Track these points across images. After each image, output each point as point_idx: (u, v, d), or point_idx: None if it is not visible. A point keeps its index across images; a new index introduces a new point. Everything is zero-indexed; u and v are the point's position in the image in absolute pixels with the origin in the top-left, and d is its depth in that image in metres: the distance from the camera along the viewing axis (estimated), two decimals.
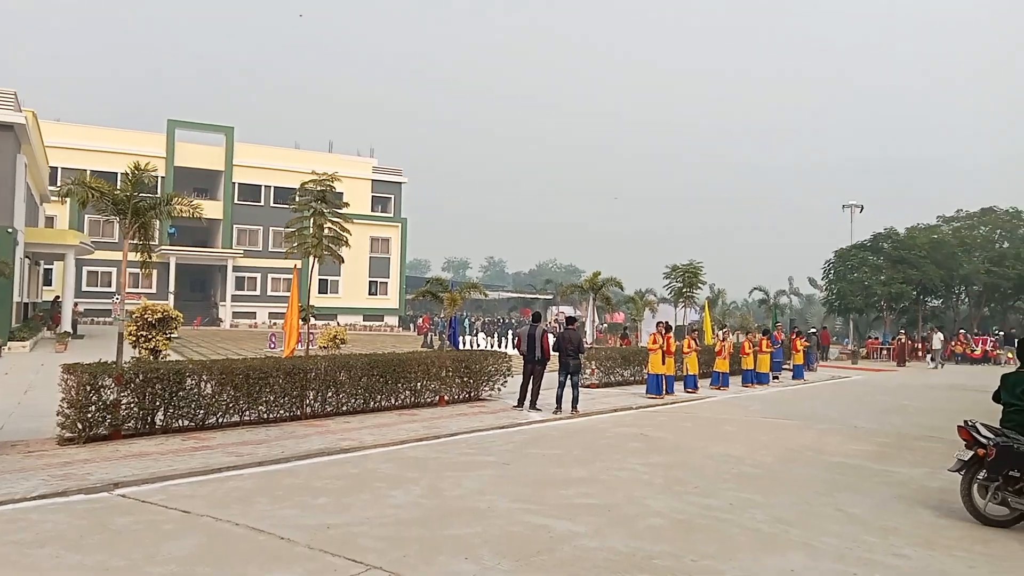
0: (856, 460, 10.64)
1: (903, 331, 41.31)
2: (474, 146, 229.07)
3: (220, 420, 11.22)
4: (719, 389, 20.64)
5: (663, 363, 17.90)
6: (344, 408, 13.03)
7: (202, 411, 10.99)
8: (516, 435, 11.88)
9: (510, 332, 39.26)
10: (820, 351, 39.12)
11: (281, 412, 12.08)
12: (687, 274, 29.32)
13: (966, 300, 50.03)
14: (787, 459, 10.56)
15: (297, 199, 16.51)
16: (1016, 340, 8.60)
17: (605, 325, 46.26)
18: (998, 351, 38.08)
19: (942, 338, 36.01)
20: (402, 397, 14.01)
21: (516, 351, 15.68)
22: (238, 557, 5.73)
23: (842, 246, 46.15)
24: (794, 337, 26.78)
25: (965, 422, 7.69)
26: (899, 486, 9.08)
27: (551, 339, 15.00)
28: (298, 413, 12.33)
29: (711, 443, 11.66)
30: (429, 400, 14.49)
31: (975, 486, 7.49)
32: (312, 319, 19.09)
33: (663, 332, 18.26)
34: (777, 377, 24.36)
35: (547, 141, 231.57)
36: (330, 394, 12.79)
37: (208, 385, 11.07)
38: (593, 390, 18.94)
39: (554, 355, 14.98)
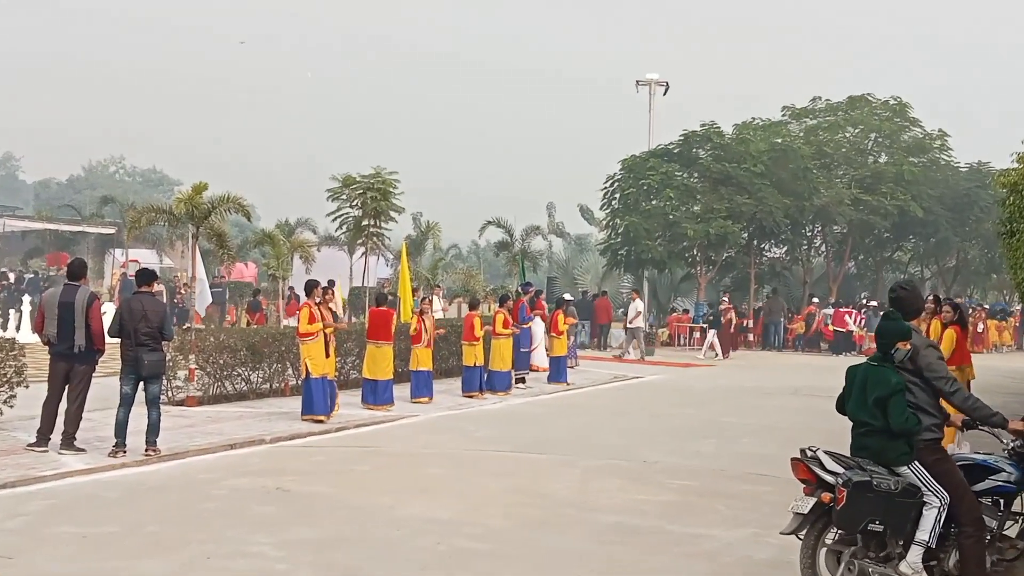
0: (644, 518, 11.57)
1: (726, 298, 45.68)
2: None
3: None
4: (423, 401, 21.41)
5: (327, 356, 18.29)
6: None
7: None
8: (31, 502, 11.38)
9: (26, 299, 37.20)
10: (599, 332, 41.93)
11: None
12: (371, 193, 29.66)
13: (823, 248, 56.54)
14: (533, 521, 11.21)
15: None
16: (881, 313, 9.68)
17: (219, 287, 45.52)
18: (869, 332, 43.75)
19: (641, 311, 39.47)
20: None
21: (38, 337, 14.93)
22: None
23: (634, 152, 49.56)
24: (556, 311, 28.38)
25: (803, 452, 8.58)
26: (710, 560, 10.03)
27: (106, 312, 14.51)
28: None
29: (403, 498, 12.02)
30: None
31: (822, 554, 8.45)
32: None
33: (315, 300, 18.50)
34: (523, 380, 25.76)
35: None
36: None
37: None
38: (193, 409, 18.73)
39: (113, 343, 14.61)
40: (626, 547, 10.34)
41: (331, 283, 21.08)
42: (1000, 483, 8.54)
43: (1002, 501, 8.58)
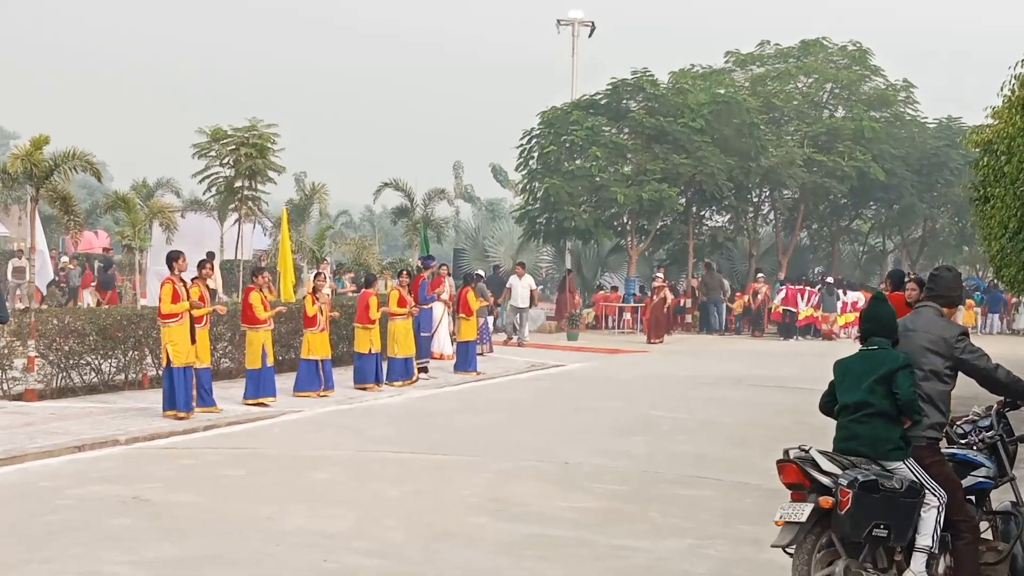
0: (566, 528, 11.63)
1: (660, 273, 45.85)
2: None
3: None
4: (315, 394, 21.44)
5: (193, 341, 18.25)
6: None
7: None
8: None
9: None
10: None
11: None
12: (246, 149, 29.41)
13: (771, 216, 57.04)
14: (437, 533, 11.23)
15: None
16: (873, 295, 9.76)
17: (69, 260, 44.91)
18: (825, 312, 44.26)
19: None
20: None
21: None
22: None
23: (555, 104, 49.43)
24: (465, 288, 28.31)
25: (787, 452, 8.59)
26: (641, 575, 10.16)
27: None
28: None
29: (285, 508, 12.00)
30: None
31: (814, 565, 8.45)
32: None
33: (179, 273, 18.38)
34: (425, 370, 25.79)
35: None
36: None
37: None
38: (33, 404, 18.55)
39: None
40: (545, 562, 10.39)
41: (211, 256, 20.90)
42: (981, 479, 8.78)
43: (974, 498, 8.79)
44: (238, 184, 30.38)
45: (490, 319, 36.69)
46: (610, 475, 14.70)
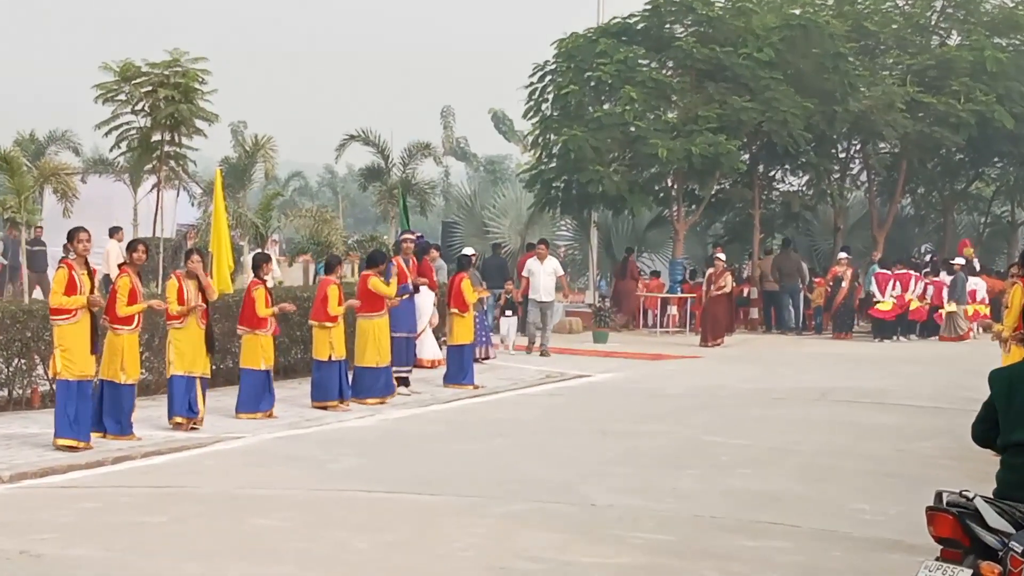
0: None
1: (720, 254, 45.67)
2: None
3: None
4: (261, 416, 21.52)
5: (94, 349, 18.07)
6: None
7: None
8: None
9: None
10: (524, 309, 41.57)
11: None
12: (165, 91, 29.44)
13: (863, 177, 56.85)
14: None
15: None
16: None
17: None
18: (950, 306, 43.97)
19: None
20: None
21: None
22: None
23: (576, 30, 49.25)
24: (459, 275, 28.20)
25: (939, 496, 8.57)
26: None
27: None
28: None
29: (218, 565, 12.01)
30: None
31: None
32: None
33: (80, 255, 18.32)
34: (405, 382, 25.68)
35: None
36: None
37: None
38: None
39: None
40: None
41: (116, 231, 20.71)
42: None
43: None
44: (156, 138, 30.46)
45: (511, 320, 36.25)
46: (651, 520, 14.70)
